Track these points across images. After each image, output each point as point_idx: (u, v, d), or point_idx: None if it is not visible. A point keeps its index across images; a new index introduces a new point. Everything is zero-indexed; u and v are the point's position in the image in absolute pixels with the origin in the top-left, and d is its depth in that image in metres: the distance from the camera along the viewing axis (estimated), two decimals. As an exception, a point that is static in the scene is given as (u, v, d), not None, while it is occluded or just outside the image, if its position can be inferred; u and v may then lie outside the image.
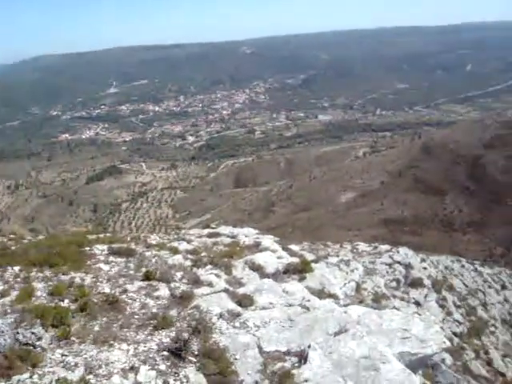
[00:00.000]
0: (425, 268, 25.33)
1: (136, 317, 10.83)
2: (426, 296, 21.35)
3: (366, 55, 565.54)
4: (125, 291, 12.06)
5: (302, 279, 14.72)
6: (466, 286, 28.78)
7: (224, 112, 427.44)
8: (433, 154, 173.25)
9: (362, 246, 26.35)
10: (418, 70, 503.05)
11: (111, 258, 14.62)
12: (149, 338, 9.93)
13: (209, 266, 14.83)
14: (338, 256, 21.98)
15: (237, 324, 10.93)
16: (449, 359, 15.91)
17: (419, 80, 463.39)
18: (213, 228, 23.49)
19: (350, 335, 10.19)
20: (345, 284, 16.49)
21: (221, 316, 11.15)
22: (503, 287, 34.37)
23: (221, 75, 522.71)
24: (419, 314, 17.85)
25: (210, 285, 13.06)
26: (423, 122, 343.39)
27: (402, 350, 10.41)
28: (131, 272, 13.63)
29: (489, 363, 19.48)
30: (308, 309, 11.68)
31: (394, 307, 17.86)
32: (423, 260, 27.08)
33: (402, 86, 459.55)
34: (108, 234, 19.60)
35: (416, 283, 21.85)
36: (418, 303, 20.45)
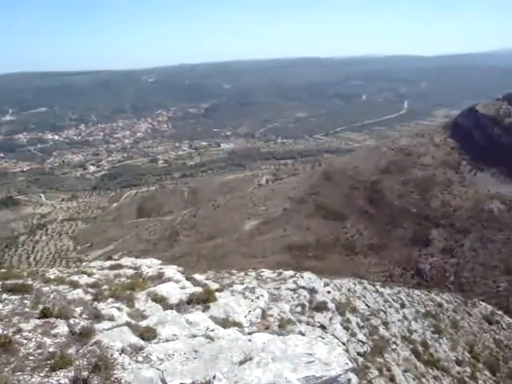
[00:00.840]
0: (329, 292, 25.73)
1: (31, 358, 10.09)
2: (330, 319, 21.64)
3: (266, 85, 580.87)
4: (19, 331, 11.23)
5: (206, 309, 14.49)
6: (369, 307, 29.59)
7: (126, 141, 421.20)
8: (333, 180, 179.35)
9: (267, 273, 26.42)
10: (316, 99, 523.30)
11: (4, 296, 13.64)
12: (45, 380, 9.28)
13: (110, 300, 14.26)
14: (242, 284, 21.85)
15: (140, 358, 10.51)
16: (355, 379, 16.13)
17: (318, 109, 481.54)
18: (115, 260, 22.78)
19: (255, 363, 10.07)
20: (250, 312, 16.38)
21: (123, 351, 10.67)
22: (402, 306, 35.76)
23: (123, 104, 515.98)
24: (323, 338, 18.05)
25: (111, 319, 12.52)
26: (323, 149, 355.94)
27: (307, 375, 10.41)
28: (27, 309, 12.74)
29: (391, 379, 20.05)
30: (212, 339, 11.46)
31: (300, 332, 17.96)
32: (327, 284, 27.55)
33: (302, 114, 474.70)
34: (2, 270, 18.39)
35: (320, 307, 22.09)
36: (323, 327, 20.67)
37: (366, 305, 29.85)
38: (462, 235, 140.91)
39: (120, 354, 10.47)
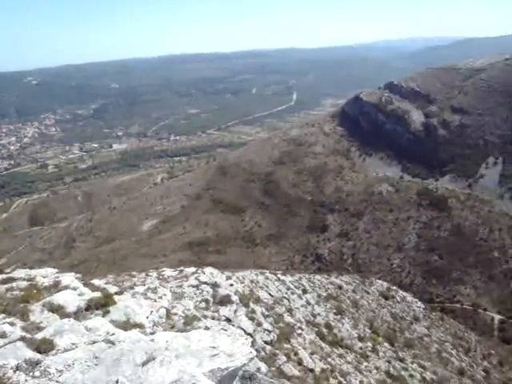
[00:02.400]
0: (231, 285, 25.75)
1: None
2: (235, 311, 21.65)
3: (156, 82, 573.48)
4: None
5: (105, 313, 13.98)
6: (272, 296, 29.97)
7: (12, 147, 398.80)
8: (228, 175, 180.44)
9: (168, 272, 26.00)
10: (207, 94, 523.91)
11: None
12: None
13: (1, 316, 13.31)
14: (144, 285, 21.33)
15: (37, 373, 9.88)
16: (264, 367, 16.29)
17: (209, 104, 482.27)
18: (6, 273, 21.40)
19: (158, 362, 9.83)
20: (152, 312, 16.01)
21: (18, 368, 9.99)
22: (304, 291, 36.61)
23: (5, 108, 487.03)
24: (225, 330, 18.04)
25: (3, 336, 11.69)
26: (216, 144, 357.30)
27: (212, 368, 10.33)
28: None
29: (299, 363, 20.43)
30: (113, 343, 11.03)
31: (206, 327, 17.84)
32: (229, 277, 27.57)
33: (194, 110, 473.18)
34: None
35: (224, 301, 22.05)
36: (228, 320, 20.65)
37: (270, 294, 30.24)
38: (356, 218, 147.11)
39: (15, 372, 9.81)
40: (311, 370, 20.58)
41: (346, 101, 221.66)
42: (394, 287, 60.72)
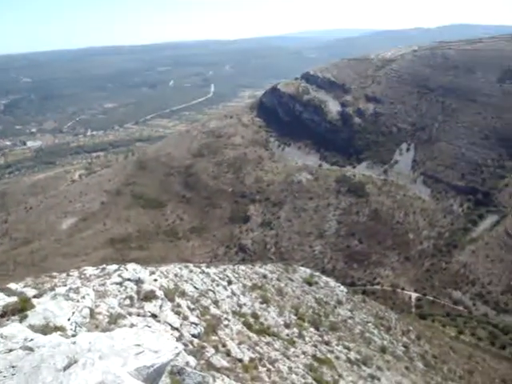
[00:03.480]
0: (155, 280, 25.33)
1: None
2: (161, 306, 21.31)
3: (70, 76, 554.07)
4: None
5: (23, 318, 13.27)
6: (197, 289, 29.78)
7: None
8: (147, 169, 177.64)
9: (90, 270, 25.19)
10: (123, 88, 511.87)
11: None
12: None
13: None
14: (65, 285, 20.54)
15: None
16: (192, 360, 16.12)
17: (126, 98, 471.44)
18: None
19: (81, 365, 9.43)
20: (74, 313, 15.39)
21: None
22: (230, 282, 36.68)
23: None
24: (149, 327, 17.71)
25: None
26: (135, 138, 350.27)
27: (137, 366, 10.04)
28: None
29: (228, 354, 20.44)
30: (32, 349, 10.45)
31: (132, 324, 17.42)
32: (153, 272, 27.13)
33: (111, 105, 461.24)
34: None
35: (149, 296, 21.63)
36: (154, 315, 20.28)
37: (195, 287, 30.04)
38: (278, 208, 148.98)
39: None
40: (240, 360, 20.64)
41: (263, 92, 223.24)
42: (317, 273, 62.02)
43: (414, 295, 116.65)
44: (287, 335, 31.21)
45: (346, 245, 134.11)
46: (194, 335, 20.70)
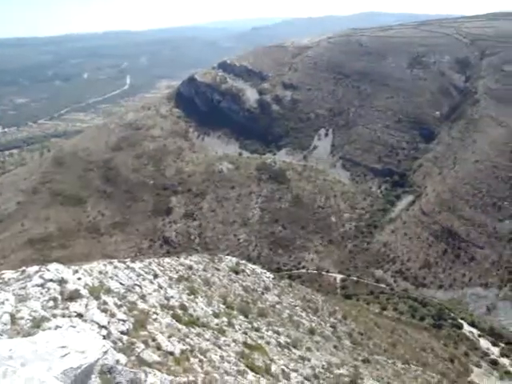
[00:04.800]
0: (79, 278, 24.61)
1: None
2: (86, 305, 20.75)
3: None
4: None
5: None
6: (123, 285, 29.25)
7: None
8: (65, 165, 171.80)
9: (9, 274, 24.07)
10: (36, 82, 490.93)
11: None
12: None
13: None
14: (-19, 291, 19.56)
15: None
16: (123, 358, 15.83)
17: (39, 92, 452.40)
18: None
19: (1, 374, 9.02)
20: (-7, 319, 14.72)
21: None
22: (155, 276, 36.27)
23: None
24: (74, 327, 17.26)
25: None
26: (50, 134, 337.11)
27: (64, 369, 9.73)
28: None
29: (159, 348, 20.21)
30: None
31: (57, 326, 16.88)
32: (76, 271, 26.32)
33: (22, 100, 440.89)
34: None
35: (74, 296, 21.00)
36: (80, 315, 19.72)
37: (120, 283, 29.48)
38: (200, 198, 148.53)
39: None
40: (171, 353, 20.48)
41: (180, 82, 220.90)
42: (243, 261, 62.49)
43: (339, 276, 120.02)
44: (217, 325, 31.28)
45: (270, 231, 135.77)
46: (122, 332, 20.34)
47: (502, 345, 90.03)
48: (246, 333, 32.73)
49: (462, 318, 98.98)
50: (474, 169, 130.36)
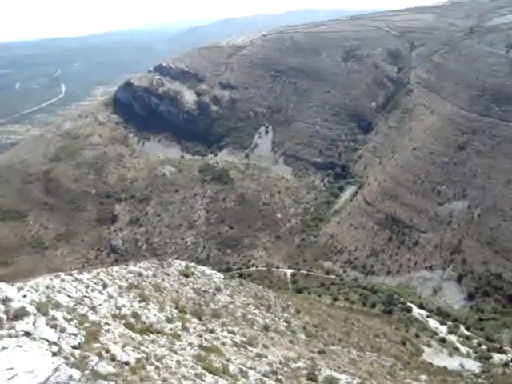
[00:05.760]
0: (25, 296, 23.87)
1: None
2: (34, 323, 20.13)
3: None
4: None
5: None
6: (72, 298, 28.59)
7: None
8: (2, 179, 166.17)
9: None
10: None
11: None
12: None
13: None
14: None
15: None
16: (76, 373, 15.48)
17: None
18: None
19: None
20: None
21: None
22: (105, 286, 35.62)
23: None
24: (21, 346, 16.77)
25: None
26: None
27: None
28: None
29: (113, 359, 19.81)
30: None
31: (3, 348, 16.34)
32: (21, 288, 25.52)
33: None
34: None
35: (20, 314, 20.31)
36: (28, 333, 19.10)
37: (69, 296, 28.81)
38: (144, 204, 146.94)
39: None
40: (126, 363, 20.14)
41: (117, 88, 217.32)
42: (193, 264, 62.21)
43: (289, 271, 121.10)
44: (171, 330, 31.03)
45: (217, 232, 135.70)
46: (74, 346, 19.84)
47: (449, 323, 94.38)
48: (200, 335, 32.64)
49: (410, 302, 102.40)
50: (412, 156, 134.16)
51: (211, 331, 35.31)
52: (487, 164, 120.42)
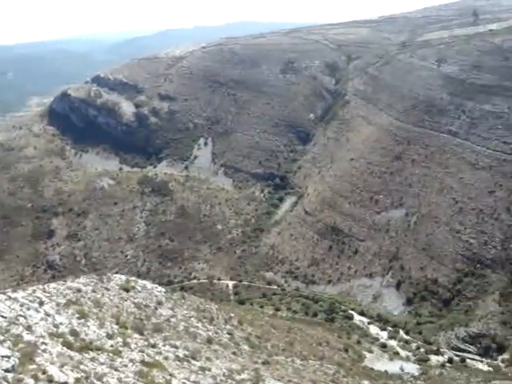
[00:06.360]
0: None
1: None
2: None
3: None
4: None
5: None
6: (5, 318, 27.46)
7: None
8: None
9: None
10: None
11: None
12: None
13: None
14: None
15: None
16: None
17: None
18: None
19: None
20: None
21: None
22: (41, 303, 34.35)
23: None
24: None
25: None
26: None
27: None
28: None
29: (50, 380, 19.11)
30: None
31: None
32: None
33: None
34: None
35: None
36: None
37: (2, 316, 27.65)
38: (82, 217, 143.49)
39: None
40: (65, 383, 19.48)
41: (53, 98, 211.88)
42: (133, 278, 60.91)
43: (231, 283, 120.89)
44: (112, 346, 30.23)
45: (157, 245, 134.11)
46: (7, 370, 18.99)
47: (390, 328, 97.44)
48: (142, 351, 31.96)
49: (352, 309, 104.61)
50: (350, 166, 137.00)
51: (153, 346, 34.66)
52: (422, 173, 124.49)
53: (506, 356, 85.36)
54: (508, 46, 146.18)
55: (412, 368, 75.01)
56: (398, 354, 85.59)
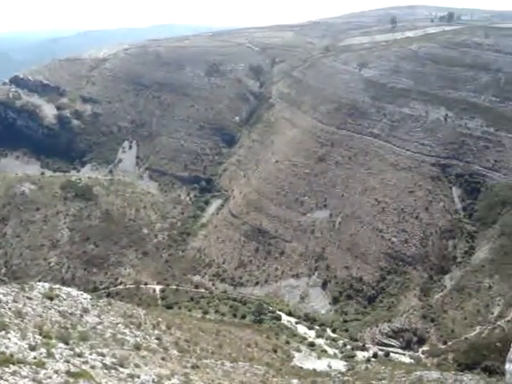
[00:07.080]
0: None
1: None
2: None
3: None
4: None
5: None
6: None
7: None
8: None
9: None
10: None
11: None
12: None
13: None
14: None
15: None
16: None
17: None
18: None
19: None
20: None
21: None
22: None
23: None
24: None
25: None
26: None
27: None
28: None
29: None
30: None
31: None
32: None
33: None
34: None
35: None
36: None
37: None
38: (2, 224, 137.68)
39: None
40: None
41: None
42: (57, 285, 59.30)
43: (158, 287, 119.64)
44: (35, 358, 29.37)
45: (82, 251, 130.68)
46: None
47: (317, 327, 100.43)
48: (68, 361, 31.26)
49: (279, 310, 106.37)
50: (275, 169, 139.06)
51: (79, 355, 33.95)
52: (345, 174, 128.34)
53: (425, 348, 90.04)
54: (423, 53, 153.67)
55: (339, 365, 77.05)
56: (325, 351, 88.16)
